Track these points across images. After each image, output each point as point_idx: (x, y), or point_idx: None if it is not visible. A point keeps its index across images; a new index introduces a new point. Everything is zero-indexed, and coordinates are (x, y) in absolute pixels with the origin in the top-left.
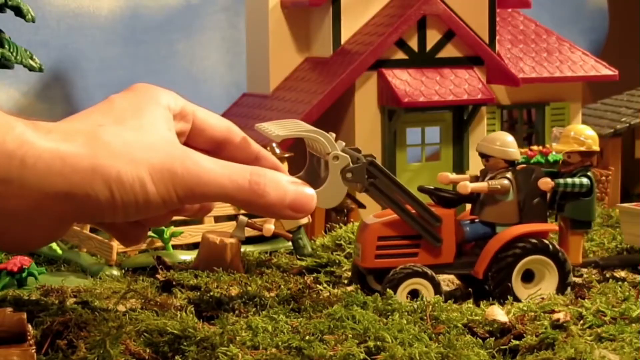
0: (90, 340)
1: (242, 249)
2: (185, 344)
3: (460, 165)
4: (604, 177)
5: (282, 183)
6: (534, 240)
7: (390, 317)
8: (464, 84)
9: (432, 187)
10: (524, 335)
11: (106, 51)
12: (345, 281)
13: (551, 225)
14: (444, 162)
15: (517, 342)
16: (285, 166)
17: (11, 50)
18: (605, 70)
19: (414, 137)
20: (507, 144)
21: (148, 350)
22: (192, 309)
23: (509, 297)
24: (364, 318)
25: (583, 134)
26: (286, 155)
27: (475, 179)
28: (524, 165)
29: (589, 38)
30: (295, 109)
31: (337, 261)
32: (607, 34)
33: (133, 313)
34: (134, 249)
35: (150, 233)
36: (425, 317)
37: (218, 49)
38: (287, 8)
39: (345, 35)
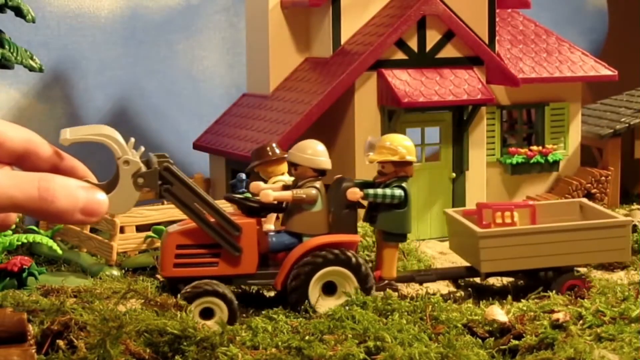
0: (90, 340)
1: None
2: (185, 344)
3: (459, 165)
4: (603, 177)
5: (72, 188)
6: (335, 252)
7: (390, 317)
8: (463, 84)
9: (239, 196)
10: (524, 335)
11: (106, 51)
12: None
13: (353, 237)
14: (443, 162)
15: (517, 342)
16: (285, 166)
17: (11, 50)
18: (604, 70)
19: (414, 137)
20: (317, 152)
21: (148, 350)
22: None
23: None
24: (364, 318)
25: (397, 144)
26: (286, 155)
27: (287, 186)
28: (340, 176)
29: (588, 38)
30: (295, 109)
31: None
32: (607, 35)
33: (133, 313)
34: (135, 249)
35: (150, 233)
36: (425, 317)
37: (218, 49)
38: (287, 8)
39: (345, 36)
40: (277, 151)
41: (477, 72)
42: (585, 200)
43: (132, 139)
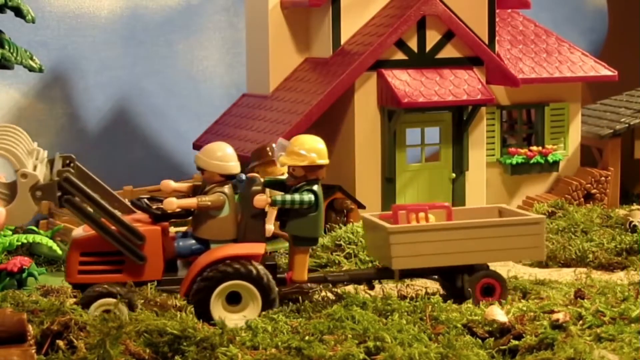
0: (90, 341)
1: None
2: (185, 344)
3: (459, 166)
4: (603, 178)
5: None
6: (236, 265)
7: (389, 317)
8: (463, 85)
9: (144, 201)
10: (524, 335)
11: (106, 51)
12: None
13: (258, 247)
14: (443, 163)
15: (517, 342)
16: (284, 166)
17: (11, 50)
18: (604, 70)
19: (414, 138)
20: (225, 157)
21: (148, 351)
22: (192, 309)
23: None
24: (364, 318)
25: (306, 147)
26: None
27: (197, 188)
28: (251, 175)
29: (588, 38)
30: (295, 109)
31: (336, 261)
32: (607, 35)
33: (133, 313)
34: None
35: None
36: (424, 318)
37: (218, 50)
38: (286, 8)
39: (345, 36)
40: None
41: (477, 73)
42: (505, 205)
43: (35, 144)
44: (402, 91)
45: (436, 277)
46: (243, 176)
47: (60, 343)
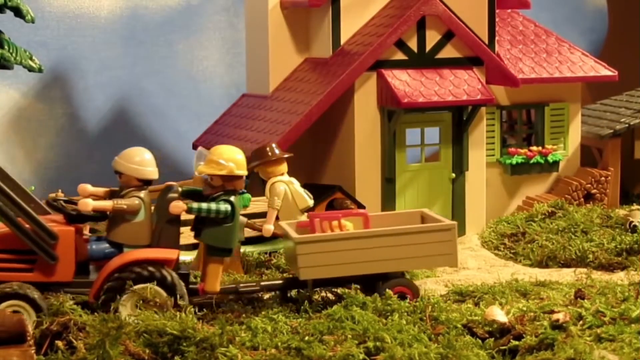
0: (89, 341)
1: (242, 250)
2: (184, 344)
3: (459, 166)
4: (603, 178)
5: None
6: (150, 269)
7: (389, 317)
8: (463, 85)
9: (60, 202)
10: (524, 335)
11: (106, 52)
12: None
13: (172, 252)
14: (443, 163)
15: (517, 343)
16: (284, 166)
17: (11, 50)
18: (604, 70)
19: (414, 138)
20: (143, 162)
21: (147, 351)
22: (192, 309)
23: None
24: (364, 318)
25: (224, 157)
26: (285, 155)
27: (114, 193)
28: (169, 183)
29: (588, 38)
30: (295, 109)
31: None
32: (607, 35)
33: (133, 313)
34: None
35: None
36: (424, 318)
37: (218, 50)
38: (286, 9)
39: (344, 36)
40: (277, 151)
41: (477, 73)
42: (426, 210)
43: None
44: (402, 91)
45: (357, 285)
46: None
47: (60, 343)
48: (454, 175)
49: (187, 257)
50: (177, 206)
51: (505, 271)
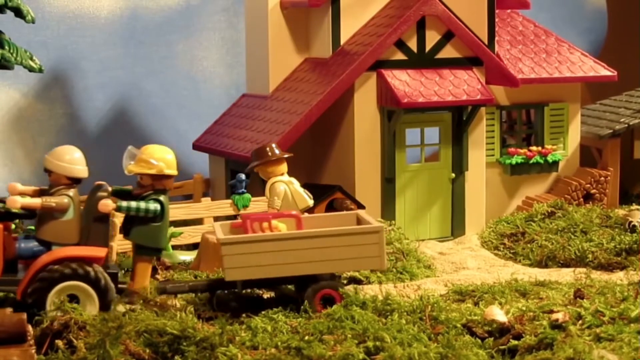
0: (89, 340)
1: None
2: (184, 344)
3: (459, 166)
4: (603, 178)
5: None
6: (73, 266)
7: (389, 317)
8: (463, 85)
9: None
10: (523, 335)
11: (106, 52)
12: (345, 281)
13: (99, 250)
14: (443, 163)
15: (516, 342)
16: (284, 166)
17: (11, 51)
18: (604, 71)
19: (413, 138)
20: (73, 160)
21: (148, 351)
22: (192, 309)
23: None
24: (363, 318)
25: (155, 157)
26: (285, 155)
27: (43, 192)
28: (99, 183)
29: (587, 39)
30: (295, 109)
31: None
32: (606, 35)
33: (133, 313)
34: None
35: None
36: (424, 318)
37: (217, 50)
38: (286, 9)
39: (344, 36)
40: (277, 151)
41: (477, 73)
42: (361, 213)
43: None
44: (402, 91)
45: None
46: (243, 176)
47: (60, 343)
48: (453, 175)
49: (187, 257)
50: (106, 205)
51: (505, 271)
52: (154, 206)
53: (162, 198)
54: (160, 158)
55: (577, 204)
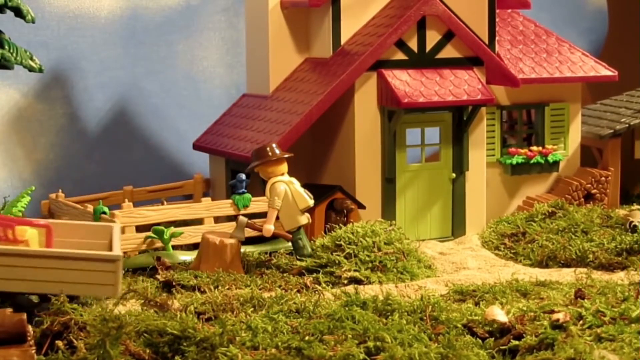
0: (89, 341)
1: (242, 250)
2: (185, 344)
3: (459, 166)
4: (603, 178)
5: None
6: None
7: (390, 317)
8: (463, 85)
9: None
10: (524, 335)
11: (106, 52)
12: (345, 281)
13: None
14: (443, 163)
15: (517, 343)
16: (285, 167)
17: (11, 50)
18: (604, 70)
19: (414, 138)
20: None
21: (148, 351)
22: (193, 309)
23: None
24: (364, 318)
25: None
26: (285, 155)
27: None
28: None
29: (588, 39)
30: (295, 109)
31: (336, 261)
32: (607, 35)
33: (133, 313)
34: (134, 249)
35: (149, 233)
36: (425, 318)
37: (217, 50)
38: (286, 9)
39: (345, 36)
40: (277, 152)
41: (477, 73)
42: (116, 227)
43: None
44: (402, 91)
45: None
46: (243, 176)
47: (60, 343)
48: (454, 175)
49: (187, 257)
50: None
51: (506, 271)
52: None
53: None
54: None
55: (577, 204)
